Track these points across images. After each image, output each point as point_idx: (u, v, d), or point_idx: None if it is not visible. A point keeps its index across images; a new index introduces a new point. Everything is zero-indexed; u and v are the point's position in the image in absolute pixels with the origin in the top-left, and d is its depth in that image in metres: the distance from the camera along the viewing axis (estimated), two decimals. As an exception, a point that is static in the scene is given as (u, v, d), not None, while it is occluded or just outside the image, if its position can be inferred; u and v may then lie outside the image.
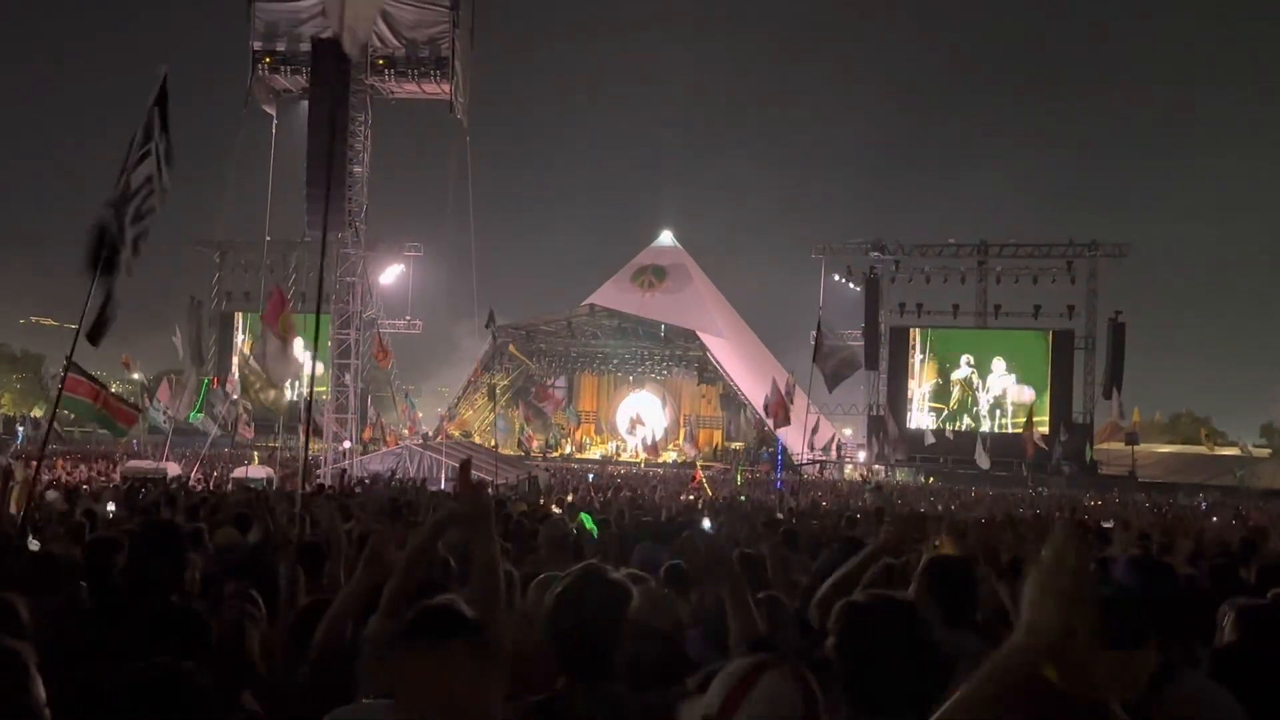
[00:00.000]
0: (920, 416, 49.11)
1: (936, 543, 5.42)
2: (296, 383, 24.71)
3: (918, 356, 49.88)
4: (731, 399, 50.77)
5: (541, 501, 16.77)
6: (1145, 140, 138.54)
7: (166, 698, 2.16)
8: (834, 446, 47.43)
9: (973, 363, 49.03)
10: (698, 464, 38.43)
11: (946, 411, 49.21)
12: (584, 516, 8.79)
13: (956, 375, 49.29)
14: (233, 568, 5.11)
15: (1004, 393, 48.72)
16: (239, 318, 54.07)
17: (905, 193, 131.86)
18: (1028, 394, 47.54)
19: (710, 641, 3.31)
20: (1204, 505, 32.28)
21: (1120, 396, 44.30)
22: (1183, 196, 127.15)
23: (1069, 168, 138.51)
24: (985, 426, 47.52)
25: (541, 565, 5.11)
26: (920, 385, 49.81)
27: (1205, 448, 50.10)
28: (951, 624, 3.27)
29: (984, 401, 48.66)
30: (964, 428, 47.92)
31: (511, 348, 51.69)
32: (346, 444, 33.69)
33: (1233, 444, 52.55)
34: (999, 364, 48.74)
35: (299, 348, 19.08)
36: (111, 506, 9.83)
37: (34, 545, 5.55)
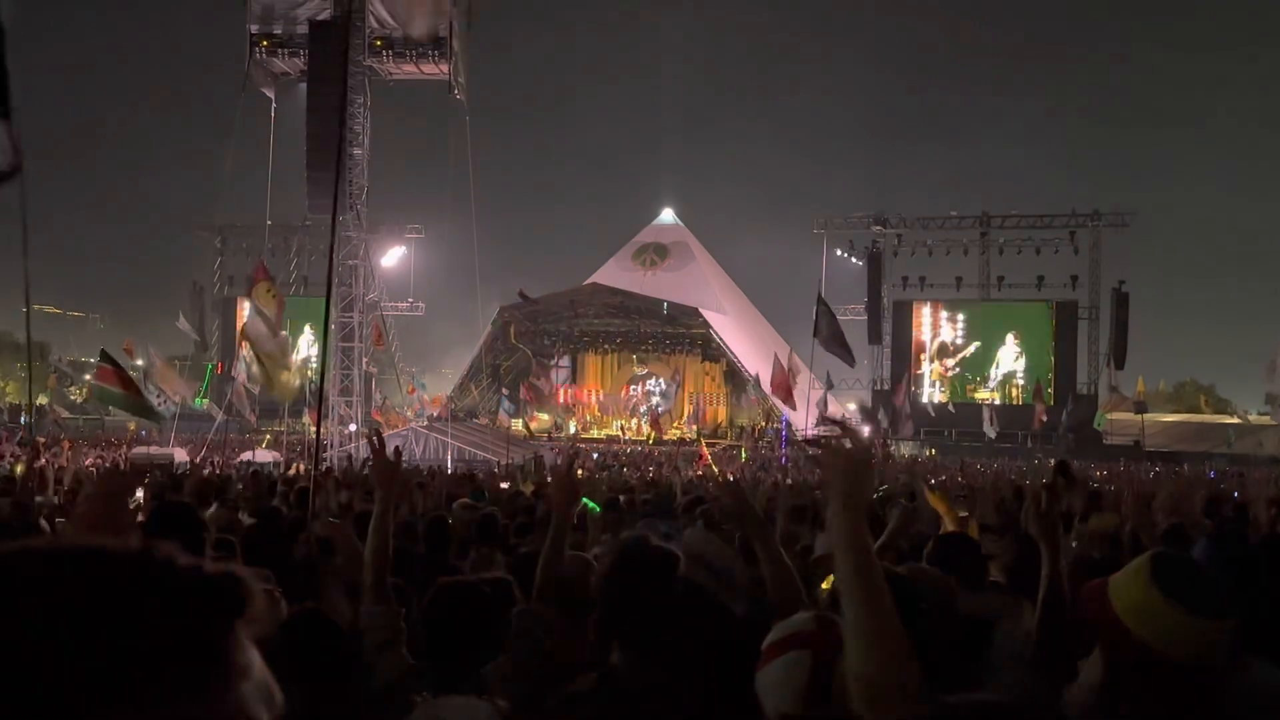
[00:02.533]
0: (925, 390, 49.10)
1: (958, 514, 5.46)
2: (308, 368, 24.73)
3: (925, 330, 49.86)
4: (736, 375, 50.77)
5: (548, 479, 16.82)
6: (1146, 109, 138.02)
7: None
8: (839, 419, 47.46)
9: (939, 335, 49.33)
10: (702, 443, 38.44)
11: (944, 385, 49.24)
12: (586, 501, 8.75)
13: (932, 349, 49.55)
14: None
15: (1013, 364, 48.72)
16: (241, 302, 54.02)
17: (906, 166, 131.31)
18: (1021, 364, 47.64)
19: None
20: (1212, 473, 32.28)
21: (1119, 369, 44.37)
22: (1184, 165, 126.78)
23: (1070, 137, 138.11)
24: (989, 398, 47.50)
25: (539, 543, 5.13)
26: (929, 362, 49.79)
27: (1207, 415, 50.06)
28: (972, 589, 3.32)
29: (994, 375, 48.60)
30: (937, 399, 48.08)
31: (511, 330, 51.65)
32: (352, 427, 33.76)
33: (1233, 412, 52.50)
34: (1001, 335, 48.71)
35: (307, 334, 19.19)
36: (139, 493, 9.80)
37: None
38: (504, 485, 12.51)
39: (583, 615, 2.89)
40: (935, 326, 49.76)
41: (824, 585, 3.46)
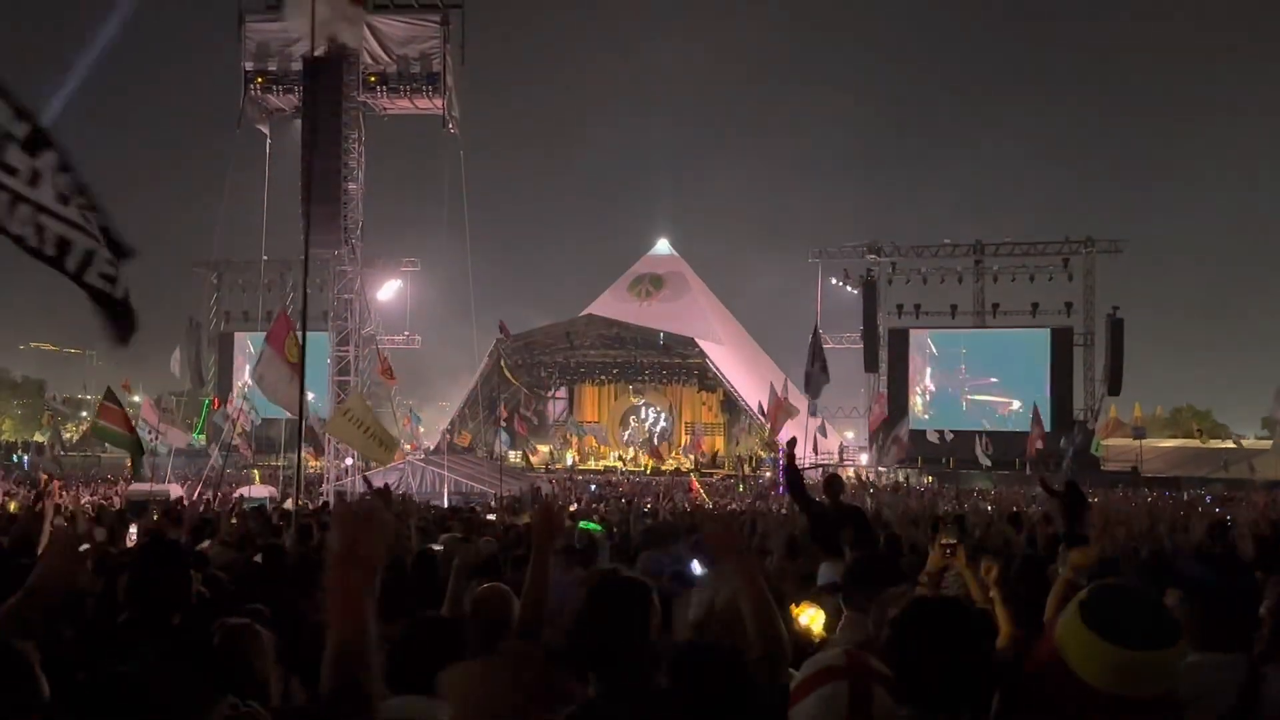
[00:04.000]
0: (922, 418, 49.03)
1: (943, 540, 5.45)
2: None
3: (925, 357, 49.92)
4: (732, 405, 50.77)
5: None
6: (1139, 135, 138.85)
7: (142, 696, 2.19)
8: (836, 449, 47.44)
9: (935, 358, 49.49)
10: (693, 475, 38.35)
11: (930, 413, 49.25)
12: (585, 524, 8.81)
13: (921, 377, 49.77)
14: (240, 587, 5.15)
15: (1003, 391, 48.77)
16: (238, 338, 53.99)
17: (900, 195, 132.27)
18: (1020, 393, 47.57)
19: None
20: (1209, 499, 32.20)
21: (1115, 395, 44.50)
22: (1176, 191, 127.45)
23: (1063, 164, 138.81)
24: (985, 425, 47.49)
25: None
26: (923, 387, 49.87)
27: (1200, 441, 50.05)
28: None
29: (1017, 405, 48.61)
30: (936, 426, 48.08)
31: (502, 364, 51.66)
32: (349, 460, 33.67)
33: (1233, 436, 52.54)
34: (1003, 365, 48.78)
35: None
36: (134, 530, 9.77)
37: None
38: (490, 517, 12.48)
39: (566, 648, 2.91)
40: (932, 354, 49.85)
41: (795, 612, 3.48)
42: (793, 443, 9.17)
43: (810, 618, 3.41)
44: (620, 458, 51.96)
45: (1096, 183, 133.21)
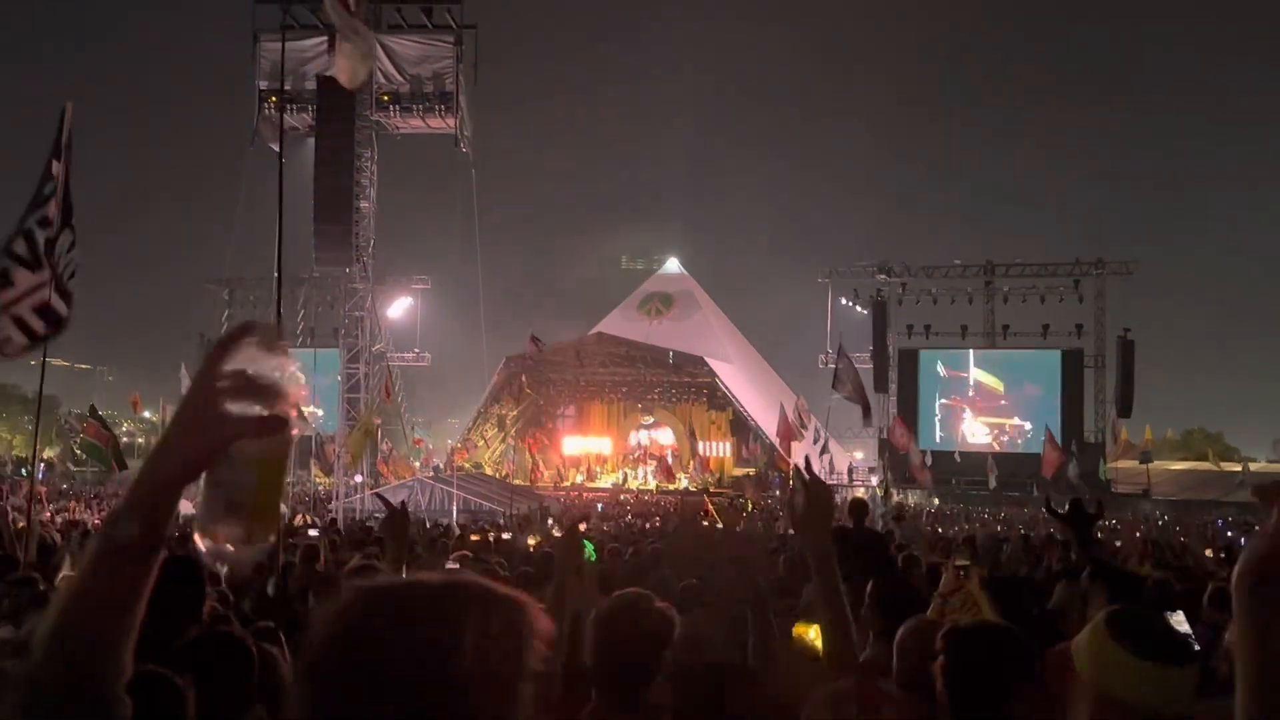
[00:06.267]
0: (932, 439, 48.90)
1: (957, 563, 5.45)
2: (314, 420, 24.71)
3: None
4: (741, 424, 50.69)
5: (554, 532, 16.79)
6: (1151, 158, 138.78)
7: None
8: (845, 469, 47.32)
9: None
10: (705, 495, 38.18)
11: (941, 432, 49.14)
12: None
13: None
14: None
15: (1013, 413, 48.63)
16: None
17: (911, 215, 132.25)
18: (1030, 415, 47.38)
19: None
20: (1219, 522, 32.02)
21: (1125, 417, 44.27)
22: (1188, 213, 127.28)
23: (1074, 186, 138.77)
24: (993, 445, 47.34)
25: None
26: (932, 408, 49.74)
27: (1212, 464, 49.76)
28: None
29: (1028, 426, 48.43)
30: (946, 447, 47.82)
31: (523, 378, 51.74)
32: (358, 478, 33.71)
33: (1241, 460, 52.30)
34: (1007, 384, 48.67)
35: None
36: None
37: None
38: (505, 536, 12.50)
39: (583, 674, 2.90)
40: (942, 375, 49.74)
41: (797, 631, 3.49)
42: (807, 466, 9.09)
43: (815, 635, 3.42)
44: (628, 475, 51.87)
45: (1108, 205, 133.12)
